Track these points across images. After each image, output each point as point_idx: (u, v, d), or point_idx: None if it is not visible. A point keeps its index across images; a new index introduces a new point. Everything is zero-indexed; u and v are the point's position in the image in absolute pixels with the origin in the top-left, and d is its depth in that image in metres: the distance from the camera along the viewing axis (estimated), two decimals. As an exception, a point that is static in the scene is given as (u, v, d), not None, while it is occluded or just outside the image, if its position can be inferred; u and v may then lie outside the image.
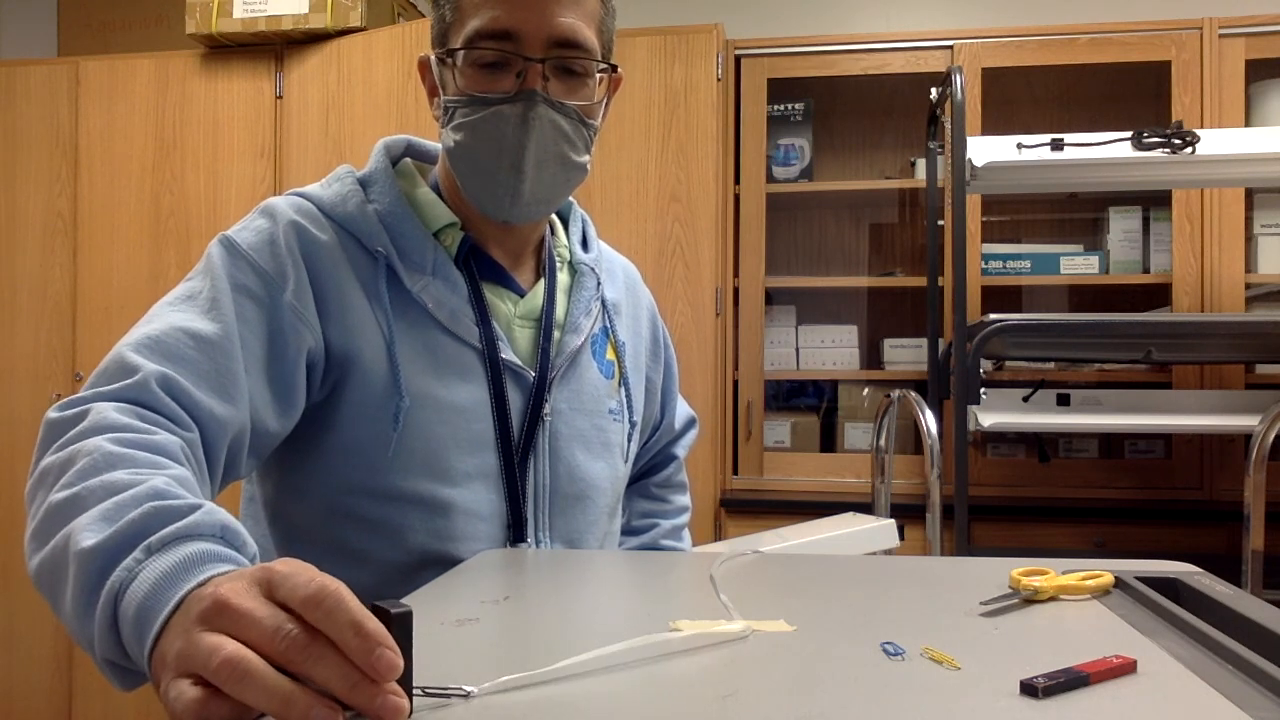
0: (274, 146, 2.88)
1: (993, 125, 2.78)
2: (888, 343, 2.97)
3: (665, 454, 1.37)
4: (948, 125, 2.37)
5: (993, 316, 2.22)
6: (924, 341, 2.82)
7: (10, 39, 3.58)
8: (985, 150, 2.33)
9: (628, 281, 1.25)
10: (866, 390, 2.96)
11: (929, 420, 1.95)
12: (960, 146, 2.29)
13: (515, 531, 1.03)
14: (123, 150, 2.96)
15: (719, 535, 2.71)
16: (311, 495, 1.01)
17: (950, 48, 2.80)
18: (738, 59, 2.89)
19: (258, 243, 0.96)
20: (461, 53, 0.98)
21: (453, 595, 0.85)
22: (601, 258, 1.19)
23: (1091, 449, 2.82)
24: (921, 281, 2.84)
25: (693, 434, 1.40)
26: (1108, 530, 2.59)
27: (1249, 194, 2.70)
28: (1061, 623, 0.78)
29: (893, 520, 1.62)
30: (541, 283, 1.10)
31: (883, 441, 2.13)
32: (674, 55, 2.77)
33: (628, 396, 1.15)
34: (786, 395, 3.09)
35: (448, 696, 0.57)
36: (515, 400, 1.03)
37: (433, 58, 1.04)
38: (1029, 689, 0.59)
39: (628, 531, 1.34)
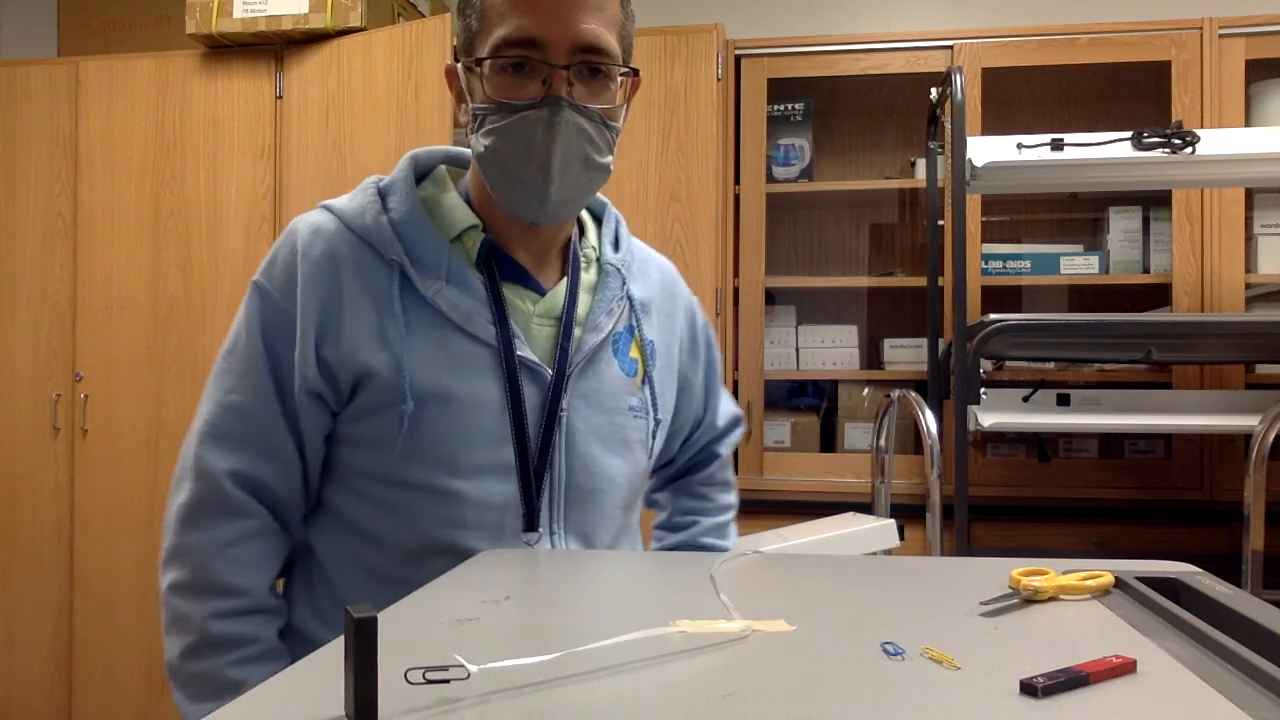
0: (274, 146, 2.88)
1: (993, 125, 2.78)
2: (888, 343, 2.97)
3: (708, 452, 1.37)
4: (948, 125, 2.37)
5: (993, 316, 2.22)
6: (924, 341, 2.82)
7: (10, 39, 3.58)
8: (985, 150, 2.33)
9: (663, 280, 1.25)
10: (866, 390, 2.96)
11: (929, 420, 1.95)
12: (960, 146, 2.28)
13: (527, 521, 1.06)
14: (123, 150, 2.96)
15: (719, 535, 2.71)
16: (336, 476, 1.08)
17: (950, 48, 2.80)
18: (738, 59, 2.89)
19: (282, 280, 1.06)
20: (489, 61, 1.01)
21: (453, 595, 0.85)
22: (633, 258, 1.20)
23: (1091, 449, 2.82)
24: (921, 281, 2.84)
25: (738, 433, 1.40)
26: (1108, 530, 2.59)
27: (1249, 194, 2.70)
28: (1061, 623, 0.78)
29: (893, 520, 1.62)
30: (564, 282, 1.12)
31: (883, 441, 2.13)
32: (674, 55, 2.77)
33: (652, 394, 1.16)
34: (786, 395, 3.09)
35: (448, 679, 0.57)
36: (531, 396, 1.06)
37: (460, 66, 1.07)
38: (1029, 689, 0.59)
39: (669, 528, 1.36)
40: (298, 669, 0.68)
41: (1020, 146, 2.33)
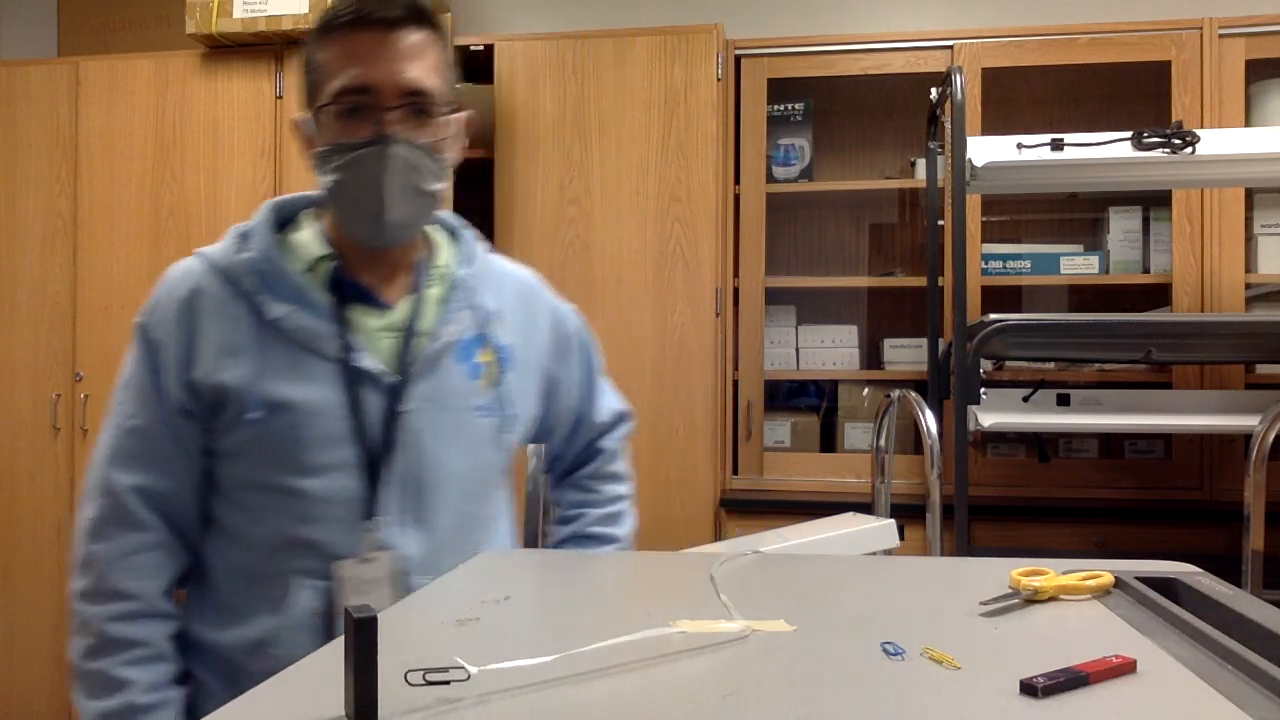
0: (274, 146, 2.88)
1: (993, 125, 2.78)
2: (888, 343, 2.97)
3: (593, 448, 1.46)
4: (948, 125, 2.37)
5: (993, 316, 2.22)
6: (924, 341, 2.82)
7: (10, 39, 3.58)
8: (985, 150, 2.33)
9: (520, 291, 1.37)
10: (866, 390, 2.95)
11: (929, 420, 1.95)
12: (960, 146, 2.28)
13: (368, 508, 1.18)
14: (123, 150, 2.96)
15: (719, 535, 2.71)
16: (214, 488, 1.23)
17: (950, 48, 2.79)
18: (738, 59, 2.89)
19: (157, 318, 1.22)
20: (328, 108, 1.17)
21: (453, 595, 0.85)
22: (487, 273, 1.32)
23: (1091, 449, 2.82)
24: (921, 281, 2.84)
25: (625, 427, 1.50)
26: (1108, 530, 2.59)
27: (1249, 194, 2.70)
28: (1061, 623, 0.78)
29: (893, 520, 1.62)
30: (408, 297, 1.25)
31: (883, 441, 2.13)
32: (674, 55, 2.76)
33: (502, 394, 1.27)
34: (786, 395, 3.09)
35: (448, 681, 0.58)
36: (373, 400, 1.19)
37: (304, 117, 1.22)
38: (1029, 689, 0.59)
39: (560, 522, 1.46)
40: (298, 669, 0.68)
41: (1020, 146, 2.33)
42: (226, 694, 1.14)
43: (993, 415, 2.39)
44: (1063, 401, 2.56)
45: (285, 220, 1.28)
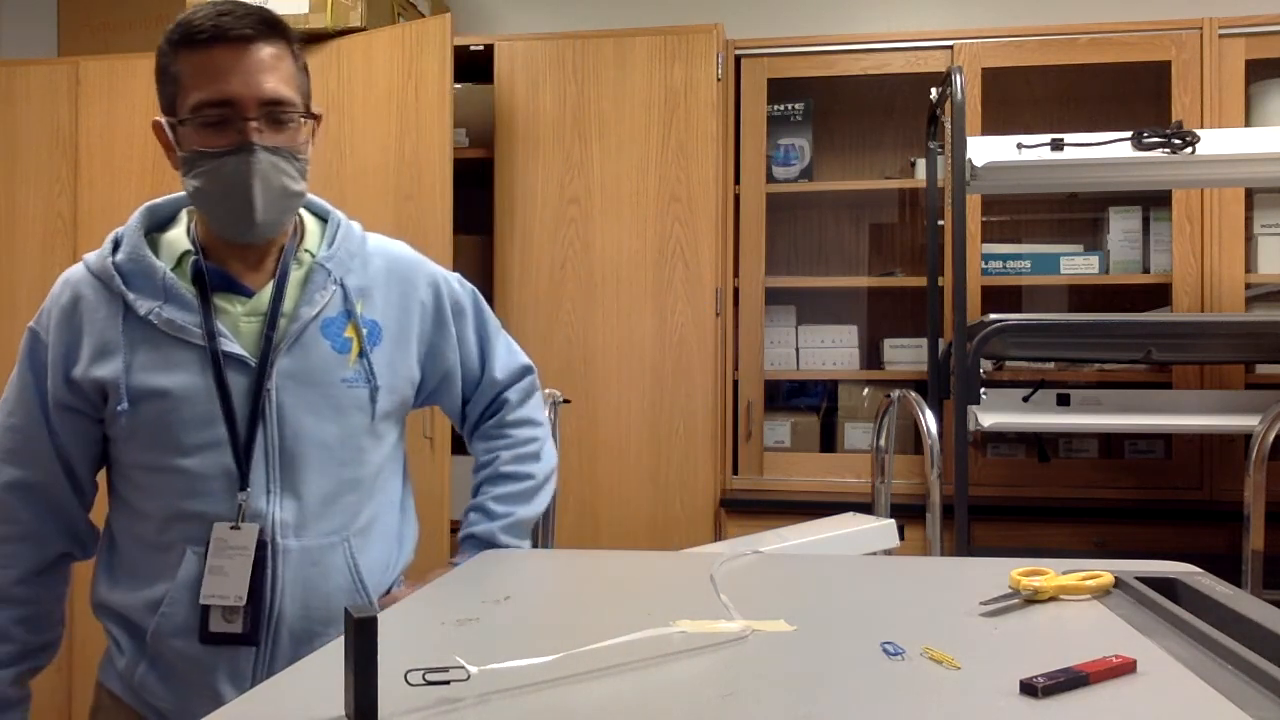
0: (274, 146, 2.88)
1: (993, 125, 2.78)
2: (888, 343, 2.97)
3: (499, 400, 1.55)
4: (948, 125, 2.37)
5: (993, 316, 2.22)
6: (924, 341, 2.82)
7: (10, 39, 3.58)
8: (985, 150, 2.33)
9: (391, 267, 1.44)
10: (866, 390, 2.95)
11: (929, 420, 1.95)
12: (960, 146, 2.28)
13: (241, 482, 1.28)
14: (123, 150, 2.96)
15: (719, 535, 2.71)
16: (113, 468, 1.36)
17: (950, 48, 2.79)
18: (738, 59, 2.89)
19: (45, 322, 1.35)
20: (191, 119, 1.29)
21: (453, 595, 0.85)
22: (354, 252, 1.40)
23: (1091, 449, 2.82)
24: (921, 281, 2.84)
25: (528, 380, 1.57)
26: (1108, 530, 2.59)
27: (1249, 194, 2.70)
28: (1061, 623, 0.78)
29: (893, 520, 1.62)
30: (272, 282, 1.34)
31: (883, 441, 2.13)
32: (674, 55, 2.76)
33: (369, 366, 1.36)
34: (786, 395, 3.09)
35: (448, 681, 0.58)
36: (239, 382, 1.29)
37: (165, 122, 1.35)
38: (1029, 689, 0.59)
39: (478, 469, 1.54)
40: (298, 669, 0.68)
41: (1020, 146, 2.33)
42: (133, 650, 1.32)
43: (993, 415, 2.39)
44: (1063, 401, 2.56)
45: (168, 218, 1.40)
